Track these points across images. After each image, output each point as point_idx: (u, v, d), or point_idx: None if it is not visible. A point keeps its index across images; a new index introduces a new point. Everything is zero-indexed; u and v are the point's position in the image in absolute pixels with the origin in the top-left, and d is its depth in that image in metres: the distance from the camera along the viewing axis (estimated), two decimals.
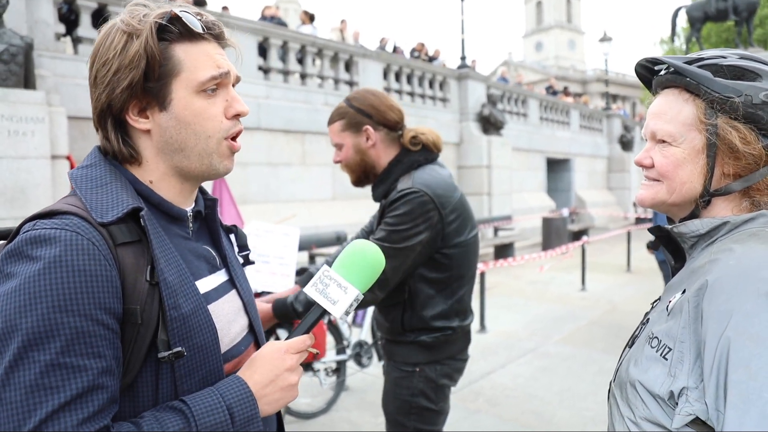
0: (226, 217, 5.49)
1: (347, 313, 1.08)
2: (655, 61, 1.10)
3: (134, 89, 0.96)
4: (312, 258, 7.12)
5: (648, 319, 1.10)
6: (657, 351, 0.96)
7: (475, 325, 6.50)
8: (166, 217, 1.04)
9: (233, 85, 1.07)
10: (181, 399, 0.92)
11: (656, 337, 0.98)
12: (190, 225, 1.10)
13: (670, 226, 1.08)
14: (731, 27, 26.16)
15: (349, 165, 2.09)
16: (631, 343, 1.11)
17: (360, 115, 2.03)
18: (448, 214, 2.00)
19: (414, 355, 2.06)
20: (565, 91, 23.71)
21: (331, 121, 2.09)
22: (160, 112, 0.99)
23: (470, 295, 2.17)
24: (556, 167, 19.17)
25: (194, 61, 0.99)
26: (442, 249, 2.02)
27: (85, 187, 0.97)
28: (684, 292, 0.98)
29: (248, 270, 3.15)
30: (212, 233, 1.18)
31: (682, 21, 24.74)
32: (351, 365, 4.70)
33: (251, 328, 1.18)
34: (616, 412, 1.04)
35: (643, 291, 8.53)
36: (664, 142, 1.05)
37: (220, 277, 1.12)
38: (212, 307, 1.03)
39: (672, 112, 1.04)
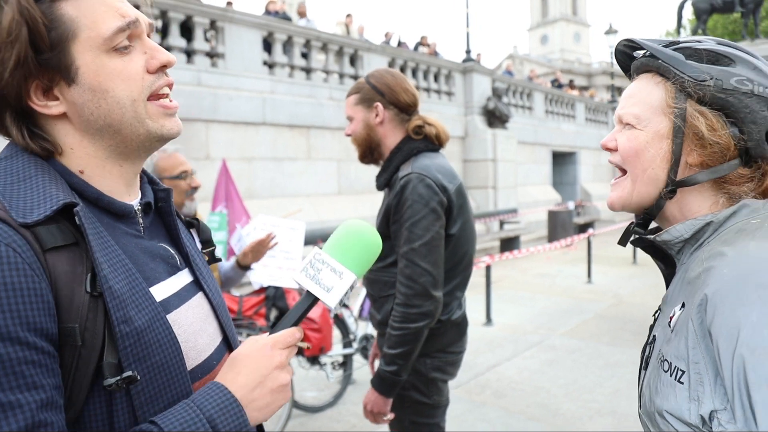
0: (232, 212, 5.51)
1: (342, 302, 0.94)
2: (634, 46, 1.06)
3: (25, 66, 0.78)
4: None
5: (654, 336, 1.03)
6: (671, 375, 0.90)
7: (481, 318, 6.51)
8: (109, 214, 0.87)
9: (149, 36, 0.89)
10: (150, 420, 0.77)
11: (666, 360, 0.92)
12: (140, 221, 0.93)
13: (652, 237, 1.02)
14: (738, 19, 25.94)
15: (356, 139, 2.13)
16: (645, 364, 1.05)
17: (373, 91, 2.07)
18: (452, 196, 2.01)
19: None
20: (571, 84, 23.61)
21: (348, 94, 2.15)
22: (69, 87, 0.81)
23: (462, 289, 2.14)
24: (562, 160, 19.11)
25: (91, 16, 0.80)
26: (446, 235, 2.02)
27: (3, 182, 0.79)
28: (683, 306, 0.92)
29: (255, 264, 3.15)
30: (169, 228, 1.01)
31: (688, 13, 24.55)
32: (358, 359, 4.71)
33: (224, 336, 1.01)
34: None
35: (649, 284, 8.51)
36: (629, 125, 1.01)
37: (182, 278, 0.96)
38: (173, 316, 0.87)
39: (641, 95, 1.00)
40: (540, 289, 8.48)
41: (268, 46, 10.01)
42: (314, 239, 6.88)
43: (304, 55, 10.70)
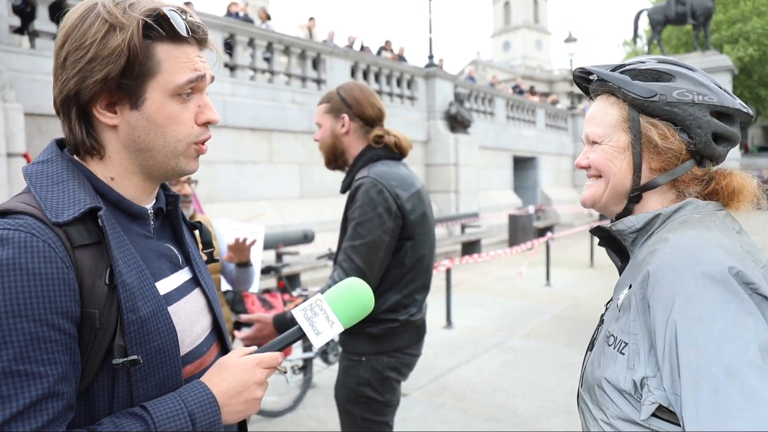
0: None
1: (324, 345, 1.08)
2: (589, 71, 1.18)
3: (108, 84, 0.92)
4: (279, 256, 7.08)
5: (603, 320, 1.13)
6: (615, 348, 1.00)
7: (441, 321, 6.56)
8: (126, 216, 1.01)
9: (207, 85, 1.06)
10: (141, 405, 0.90)
11: (612, 335, 1.02)
12: (152, 223, 1.06)
13: (608, 225, 1.15)
14: (690, 30, 26.96)
15: (323, 145, 2.28)
16: (591, 346, 1.15)
17: (342, 103, 2.22)
18: (405, 203, 2.11)
19: (361, 345, 2.16)
20: (532, 91, 24.05)
21: (319, 103, 2.30)
22: (131, 111, 0.95)
23: (422, 292, 2.24)
24: (523, 165, 19.44)
25: (174, 64, 0.96)
26: (400, 240, 2.11)
27: (40, 184, 0.92)
28: (630, 287, 1.02)
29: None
30: (175, 230, 1.15)
31: (644, 24, 25.42)
32: (317, 362, 4.70)
33: (215, 325, 1.16)
34: (589, 417, 1.06)
35: (606, 285, 8.72)
36: (596, 143, 1.14)
37: (182, 275, 1.10)
38: (173, 308, 1.01)
39: (600, 116, 1.14)
40: (500, 292, 8.60)
41: (229, 48, 9.89)
42: (276, 243, 6.82)
43: (267, 59, 10.62)
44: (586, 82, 1.20)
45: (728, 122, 1.07)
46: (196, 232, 1.26)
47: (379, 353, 2.14)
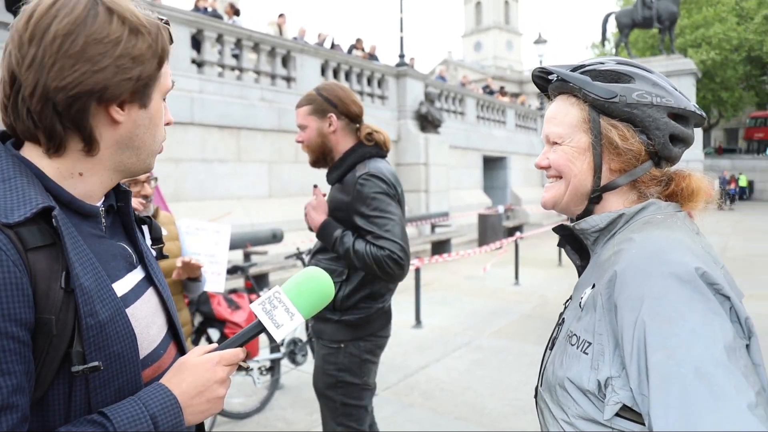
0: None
1: (285, 337, 1.06)
2: (549, 71, 1.18)
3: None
4: (247, 256, 6.99)
5: (563, 319, 1.13)
6: (578, 348, 0.99)
7: (410, 321, 6.57)
8: (77, 215, 0.95)
9: None
10: (100, 411, 0.86)
11: (575, 335, 1.02)
12: (103, 221, 1.01)
13: (572, 224, 1.15)
14: (656, 34, 27.64)
15: (310, 146, 2.37)
16: (551, 345, 1.14)
17: (326, 103, 2.32)
18: (399, 196, 2.31)
19: (339, 333, 2.29)
20: (502, 91, 24.27)
21: (299, 105, 2.37)
22: (140, 109, 0.96)
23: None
24: (493, 165, 19.62)
25: (166, 70, 1.01)
26: None
27: None
28: (594, 286, 1.02)
29: None
30: (126, 228, 1.10)
31: (612, 27, 25.96)
32: (285, 363, 4.65)
33: (170, 325, 1.12)
34: (549, 416, 1.06)
35: (574, 284, 8.82)
36: (556, 143, 1.14)
37: (137, 275, 1.05)
38: (131, 310, 0.97)
39: (560, 116, 1.14)
40: (469, 292, 8.65)
41: (197, 44, 9.73)
42: (244, 243, 6.74)
43: (235, 55, 10.48)
44: (545, 82, 1.20)
45: (683, 124, 1.09)
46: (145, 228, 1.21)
47: (356, 339, 2.29)
